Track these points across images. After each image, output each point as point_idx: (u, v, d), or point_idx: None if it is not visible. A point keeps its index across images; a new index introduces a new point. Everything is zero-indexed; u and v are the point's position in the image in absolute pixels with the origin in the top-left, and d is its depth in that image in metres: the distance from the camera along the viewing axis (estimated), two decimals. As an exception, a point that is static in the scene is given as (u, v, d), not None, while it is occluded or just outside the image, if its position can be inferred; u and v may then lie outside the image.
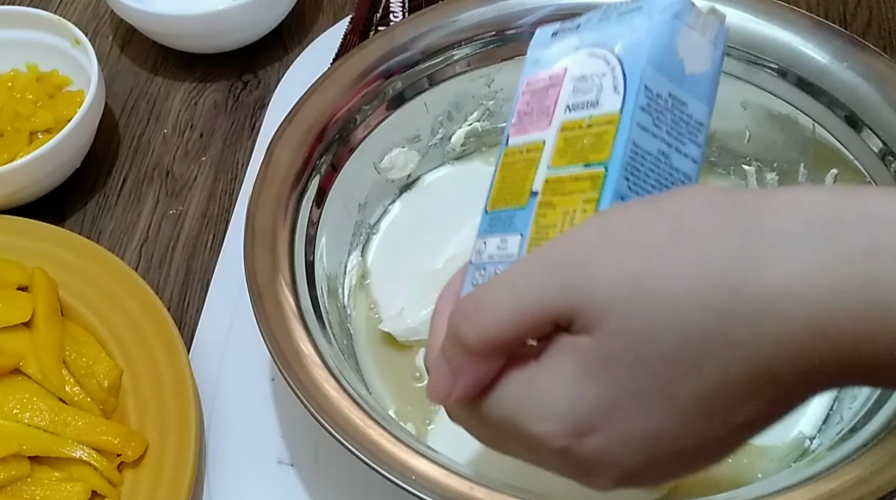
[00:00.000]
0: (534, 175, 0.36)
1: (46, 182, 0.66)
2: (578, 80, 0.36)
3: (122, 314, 0.57)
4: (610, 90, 0.34)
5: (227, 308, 0.60)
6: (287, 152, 0.55)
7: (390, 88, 0.59)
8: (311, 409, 0.45)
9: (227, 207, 0.67)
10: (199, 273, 0.64)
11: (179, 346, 0.55)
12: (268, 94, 0.74)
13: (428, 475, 0.42)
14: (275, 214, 0.52)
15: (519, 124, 0.38)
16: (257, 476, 0.54)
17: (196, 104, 0.74)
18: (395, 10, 0.72)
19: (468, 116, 0.63)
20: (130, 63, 0.77)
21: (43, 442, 0.51)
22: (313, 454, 0.54)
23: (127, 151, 0.71)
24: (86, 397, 0.54)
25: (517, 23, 0.60)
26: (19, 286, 0.57)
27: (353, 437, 0.44)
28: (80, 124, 0.64)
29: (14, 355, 0.54)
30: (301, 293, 0.50)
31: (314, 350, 0.47)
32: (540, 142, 0.36)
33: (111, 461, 0.52)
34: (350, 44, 0.71)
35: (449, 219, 0.62)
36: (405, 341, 0.56)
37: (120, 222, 0.67)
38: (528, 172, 0.36)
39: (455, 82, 0.60)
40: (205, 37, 0.73)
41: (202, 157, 0.71)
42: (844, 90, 0.54)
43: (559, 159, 0.35)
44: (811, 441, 0.51)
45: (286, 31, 0.78)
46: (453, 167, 0.65)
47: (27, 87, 0.69)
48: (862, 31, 0.74)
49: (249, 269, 0.50)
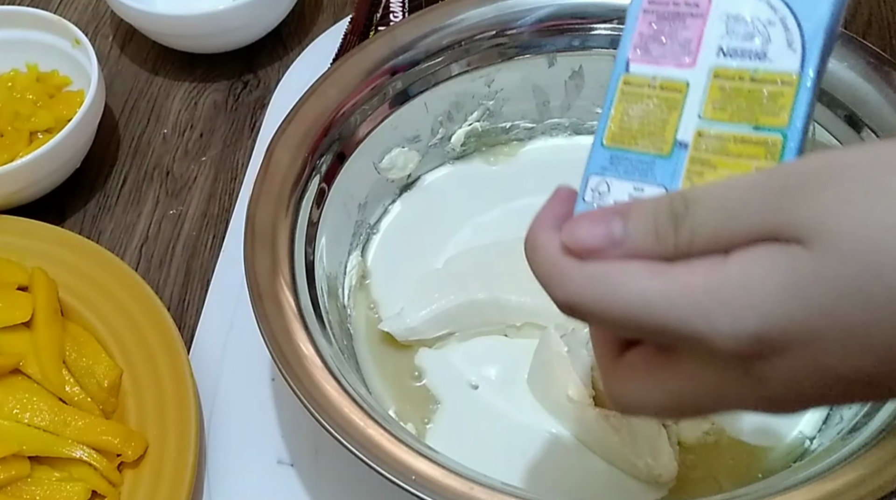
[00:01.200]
0: (677, 120, 0.33)
1: (46, 182, 0.66)
2: (733, 19, 0.33)
3: (122, 314, 0.57)
4: (782, 44, 0.32)
5: (227, 308, 0.60)
6: (287, 152, 0.55)
7: (390, 88, 0.59)
8: (311, 409, 0.45)
9: (227, 207, 0.67)
10: (199, 273, 0.64)
11: (179, 346, 0.55)
12: (268, 94, 0.74)
13: (428, 475, 0.42)
14: (275, 214, 0.52)
15: (645, 51, 0.34)
16: (257, 476, 0.54)
17: (196, 104, 0.74)
18: (395, 10, 0.72)
19: (468, 116, 0.63)
20: (130, 63, 0.77)
21: (43, 442, 0.51)
22: (313, 454, 0.54)
23: (127, 151, 0.71)
24: (86, 398, 0.54)
25: (517, 23, 0.60)
26: (19, 286, 0.57)
27: (353, 437, 0.44)
28: (80, 124, 0.64)
29: (14, 355, 0.54)
30: (301, 293, 0.50)
31: (314, 350, 0.47)
32: (681, 82, 0.33)
33: (111, 461, 0.52)
34: (350, 44, 0.71)
35: (449, 219, 0.62)
36: (405, 341, 0.56)
37: (120, 222, 0.67)
38: (670, 115, 0.33)
39: (455, 82, 0.60)
40: (205, 37, 0.73)
41: (202, 157, 0.71)
42: (844, 90, 0.54)
43: (717, 112, 0.32)
44: (811, 441, 0.51)
45: (286, 31, 0.78)
46: (453, 167, 0.65)
47: (27, 87, 0.69)
48: (862, 32, 0.74)
49: (249, 269, 0.50)
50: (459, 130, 0.63)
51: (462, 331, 0.56)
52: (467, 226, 0.61)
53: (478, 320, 0.56)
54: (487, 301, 0.55)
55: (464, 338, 0.56)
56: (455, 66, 0.60)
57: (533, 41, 0.60)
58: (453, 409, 0.54)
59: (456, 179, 0.64)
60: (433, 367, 0.55)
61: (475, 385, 0.55)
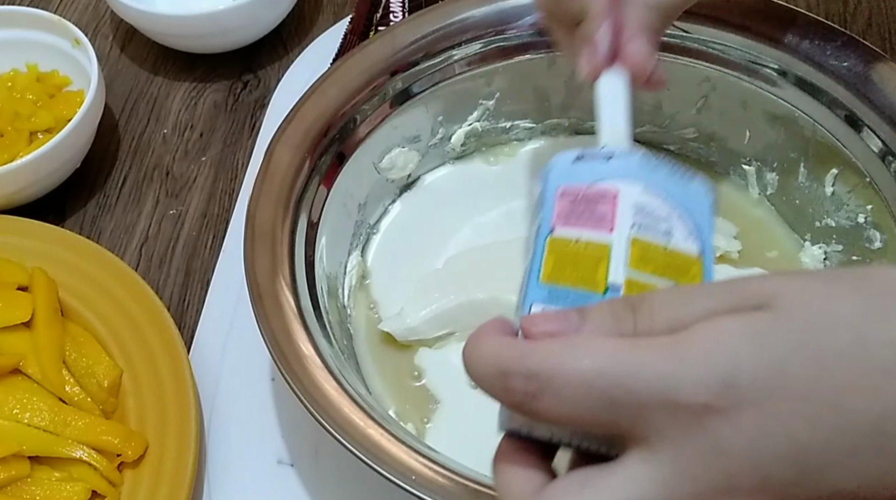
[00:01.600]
0: (606, 268, 0.36)
1: (46, 182, 0.66)
2: (640, 209, 0.38)
3: (122, 314, 0.57)
4: (683, 233, 0.38)
5: (227, 308, 0.60)
6: (287, 152, 0.55)
7: (390, 88, 0.59)
8: (311, 409, 0.45)
9: (227, 207, 0.67)
10: (199, 273, 0.64)
11: (179, 346, 0.55)
12: (268, 94, 0.74)
13: (428, 475, 0.42)
14: (275, 214, 0.52)
15: (567, 221, 0.38)
16: (257, 476, 0.54)
17: (196, 104, 0.74)
18: (395, 10, 0.72)
19: (468, 116, 0.63)
20: (130, 63, 0.77)
21: (43, 442, 0.51)
22: (313, 454, 0.54)
23: (127, 151, 0.71)
24: (86, 398, 0.54)
25: (517, 23, 0.60)
26: (19, 286, 0.57)
27: (353, 437, 0.44)
28: (80, 124, 0.64)
29: (14, 355, 0.54)
30: (301, 293, 0.50)
31: (314, 350, 0.47)
32: (604, 243, 0.37)
33: (111, 461, 0.52)
34: (350, 44, 0.71)
35: (449, 219, 0.62)
36: (405, 341, 0.56)
37: (120, 222, 0.67)
38: (599, 263, 0.37)
39: (455, 82, 0.60)
40: (205, 37, 0.73)
41: (202, 157, 0.71)
42: (844, 90, 0.54)
43: (642, 266, 0.36)
44: None
45: (286, 31, 0.78)
46: (453, 167, 0.65)
47: (27, 87, 0.69)
48: (862, 32, 0.74)
49: (249, 269, 0.50)
50: (459, 130, 0.63)
51: (462, 331, 0.56)
52: (467, 226, 0.61)
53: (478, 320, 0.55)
54: (487, 301, 0.55)
55: (464, 338, 0.56)
56: (455, 67, 0.60)
57: (533, 41, 0.60)
58: (453, 409, 0.54)
59: (456, 179, 0.64)
60: (433, 367, 0.55)
61: (475, 385, 0.54)
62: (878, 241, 0.54)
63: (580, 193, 0.39)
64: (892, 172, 0.52)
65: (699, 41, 0.58)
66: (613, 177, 0.39)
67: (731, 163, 0.63)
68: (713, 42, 0.58)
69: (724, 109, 0.60)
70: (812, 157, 0.57)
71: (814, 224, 0.59)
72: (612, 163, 0.40)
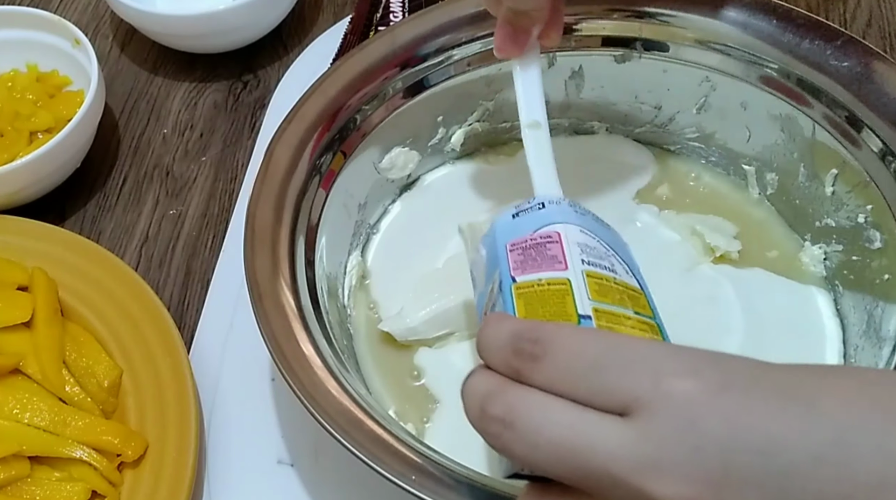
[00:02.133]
0: (573, 301, 0.39)
1: (46, 182, 0.66)
2: (582, 245, 0.42)
3: (122, 314, 0.57)
4: (623, 269, 0.42)
5: (227, 308, 0.60)
6: (287, 152, 0.55)
7: (390, 88, 0.59)
8: (311, 409, 0.45)
9: (227, 207, 0.67)
10: (199, 273, 0.64)
11: (179, 346, 0.55)
12: (268, 94, 0.74)
13: (428, 475, 0.42)
14: (275, 214, 0.52)
15: (524, 268, 0.41)
16: (257, 476, 0.54)
17: (196, 104, 0.74)
18: (395, 10, 0.72)
19: (468, 116, 0.63)
20: (130, 63, 0.77)
21: (43, 442, 0.51)
22: (313, 454, 0.54)
23: (127, 151, 0.71)
24: (86, 398, 0.54)
25: (517, 23, 0.60)
26: (19, 286, 0.57)
27: (353, 437, 0.44)
28: (80, 124, 0.64)
29: (14, 355, 0.54)
30: (301, 293, 0.50)
31: (314, 350, 0.47)
32: (563, 279, 0.40)
33: (111, 461, 0.52)
34: (350, 44, 0.71)
35: (449, 219, 0.61)
36: (405, 341, 0.56)
37: (120, 222, 0.67)
38: (565, 298, 0.39)
39: (455, 82, 0.60)
40: (205, 37, 0.73)
41: (202, 157, 0.71)
42: (844, 90, 0.54)
43: (602, 297, 0.39)
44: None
45: (286, 31, 0.78)
46: (453, 167, 0.65)
47: (27, 87, 0.69)
48: (862, 31, 0.74)
49: (249, 269, 0.50)
50: (459, 130, 0.63)
51: (462, 331, 0.56)
52: (467, 226, 0.61)
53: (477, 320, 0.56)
54: (487, 301, 0.55)
55: (463, 338, 0.56)
56: (455, 67, 0.60)
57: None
58: (453, 409, 0.54)
59: (456, 179, 0.64)
60: (433, 367, 0.55)
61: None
62: (878, 241, 0.54)
63: (527, 242, 0.42)
64: (892, 172, 0.52)
65: (699, 41, 0.58)
66: (552, 222, 0.43)
67: (731, 163, 0.63)
68: (713, 42, 0.58)
69: (724, 109, 0.60)
70: (812, 157, 0.57)
71: (814, 224, 0.59)
72: (546, 210, 0.44)
